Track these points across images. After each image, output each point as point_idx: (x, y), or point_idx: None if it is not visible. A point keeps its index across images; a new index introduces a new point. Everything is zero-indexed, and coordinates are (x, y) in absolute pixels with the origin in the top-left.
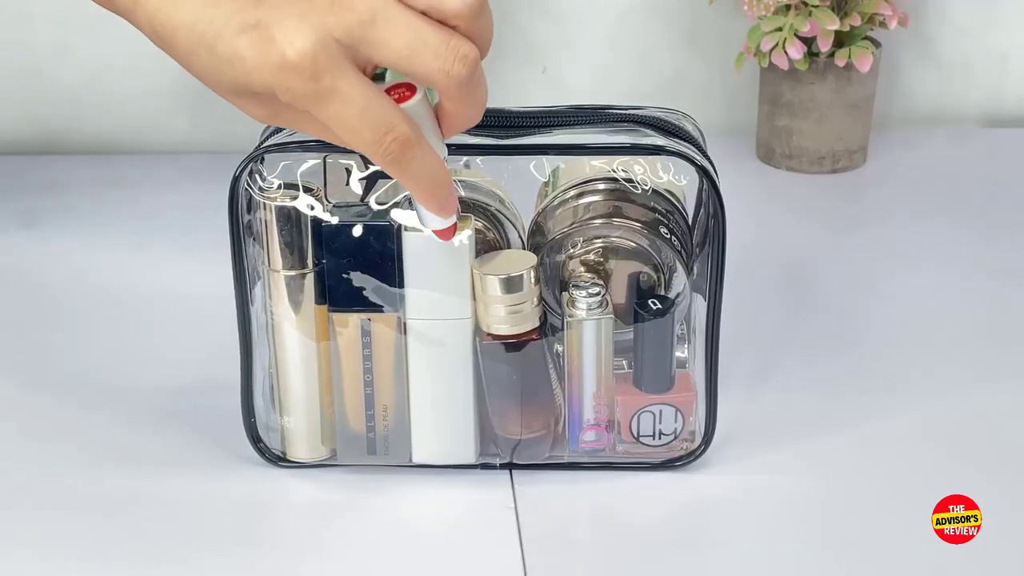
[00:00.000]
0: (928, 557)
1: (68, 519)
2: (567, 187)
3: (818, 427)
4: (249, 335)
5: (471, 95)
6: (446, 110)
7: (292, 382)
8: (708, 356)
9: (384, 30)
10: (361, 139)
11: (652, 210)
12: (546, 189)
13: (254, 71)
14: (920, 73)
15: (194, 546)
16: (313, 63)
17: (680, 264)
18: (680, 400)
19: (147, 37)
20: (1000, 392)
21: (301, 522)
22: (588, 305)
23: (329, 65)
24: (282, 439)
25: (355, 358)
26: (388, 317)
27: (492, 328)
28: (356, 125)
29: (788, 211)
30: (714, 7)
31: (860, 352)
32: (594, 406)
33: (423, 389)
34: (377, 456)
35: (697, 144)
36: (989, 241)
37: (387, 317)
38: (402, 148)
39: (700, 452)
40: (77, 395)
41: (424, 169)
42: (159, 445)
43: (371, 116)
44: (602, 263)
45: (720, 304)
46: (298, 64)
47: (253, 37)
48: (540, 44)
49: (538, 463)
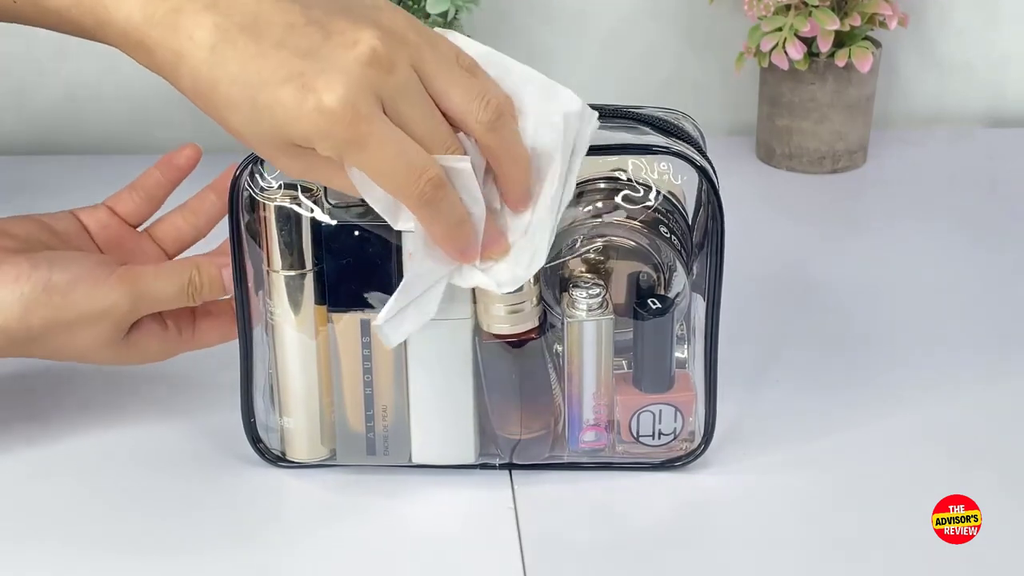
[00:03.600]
0: (928, 557)
1: (67, 519)
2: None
3: (818, 427)
4: (249, 335)
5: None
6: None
7: (292, 382)
8: (707, 356)
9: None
10: (396, 181)
11: (654, 210)
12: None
13: (294, 120)
14: (920, 73)
15: (193, 546)
16: (353, 110)
17: (680, 263)
18: (680, 400)
19: (183, 93)
20: (1000, 392)
21: (301, 522)
22: (588, 306)
23: (368, 113)
24: (282, 439)
25: (355, 358)
26: None
27: (492, 328)
28: (392, 168)
29: (788, 211)
30: (714, 7)
31: (860, 352)
32: (594, 406)
33: (423, 389)
34: (377, 456)
35: (697, 145)
36: (989, 241)
37: None
38: (435, 189)
39: (700, 452)
40: (75, 394)
41: (453, 213)
42: (158, 445)
43: (407, 159)
44: (602, 262)
45: (719, 303)
46: (338, 111)
47: (296, 86)
48: (540, 45)
49: (538, 463)
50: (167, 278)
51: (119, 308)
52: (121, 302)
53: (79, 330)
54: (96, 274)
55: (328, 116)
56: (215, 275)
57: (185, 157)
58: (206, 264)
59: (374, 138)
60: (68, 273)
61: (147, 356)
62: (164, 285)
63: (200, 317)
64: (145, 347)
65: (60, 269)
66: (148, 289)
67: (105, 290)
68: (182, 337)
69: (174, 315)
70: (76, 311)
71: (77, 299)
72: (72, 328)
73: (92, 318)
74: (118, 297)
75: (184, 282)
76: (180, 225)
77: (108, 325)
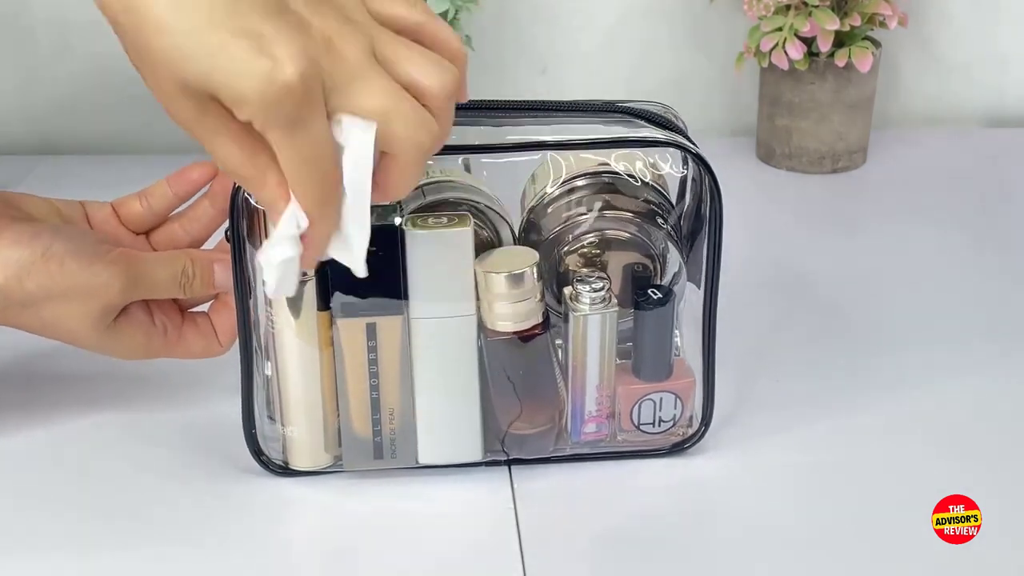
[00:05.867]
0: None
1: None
2: (557, 182)
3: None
4: (249, 344)
5: (420, 169)
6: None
7: (294, 391)
8: (705, 341)
9: (363, 90)
10: (303, 178)
11: (645, 201)
12: (534, 187)
13: (237, 76)
14: (920, 73)
15: (198, 557)
16: (305, 89)
17: (677, 251)
18: (679, 387)
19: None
20: (1001, 391)
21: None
22: (592, 299)
23: (314, 98)
24: (284, 448)
25: (360, 362)
26: (393, 319)
27: (496, 325)
28: (308, 169)
29: (788, 211)
30: (714, 7)
31: (859, 351)
32: (597, 398)
33: (428, 389)
34: (384, 460)
35: (687, 136)
36: (989, 241)
37: (392, 319)
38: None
39: (699, 436)
40: (75, 404)
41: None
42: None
43: (323, 163)
44: (598, 255)
45: (717, 290)
46: (292, 85)
47: (253, 45)
48: (540, 44)
49: (539, 457)
50: (162, 264)
51: (113, 287)
52: (115, 281)
53: (71, 303)
54: (95, 251)
55: (280, 87)
56: (207, 268)
57: (199, 173)
58: (200, 256)
59: (309, 127)
60: (68, 244)
61: (131, 349)
62: (158, 270)
63: (187, 323)
64: (130, 337)
65: (61, 240)
66: (143, 271)
67: (101, 267)
68: (167, 337)
69: (163, 312)
70: (71, 281)
71: (73, 270)
72: (66, 299)
73: (86, 292)
74: (113, 275)
75: (178, 271)
76: (177, 232)
77: (100, 304)
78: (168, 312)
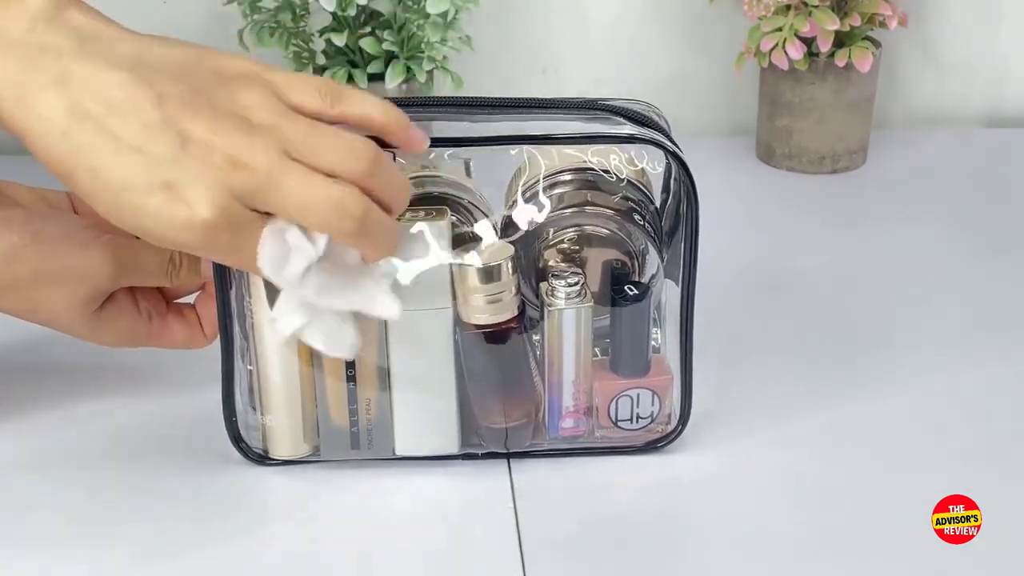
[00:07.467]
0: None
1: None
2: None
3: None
4: (230, 334)
5: (368, 242)
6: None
7: (273, 380)
8: (683, 339)
9: (276, 191)
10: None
11: (624, 198)
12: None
13: (167, 229)
14: (920, 73)
15: (180, 545)
16: (227, 217)
17: (654, 249)
18: (657, 384)
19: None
20: (1000, 391)
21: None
22: (567, 294)
23: (240, 220)
24: (263, 437)
25: None
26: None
27: (472, 318)
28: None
29: (788, 211)
30: (714, 7)
31: (859, 350)
32: (573, 393)
33: (404, 380)
34: (361, 450)
35: (667, 134)
36: (989, 241)
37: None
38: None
39: (677, 433)
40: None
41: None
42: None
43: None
44: (577, 251)
45: (694, 288)
46: (213, 221)
47: (166, 197)
48: (540, 44)
49: (516, 451)
50: (151, 250)
51: (103, 271)
52: (104, 266)
53: (59, 286)
54: (85, 235)
55: (202, 228)
56: (195, 257)
57: None
58: None
59: (252, 240)
60: (59, 227)
61: (116, 335)
62: (148, 256)
63: (172, 313)
64: (116, 324)
65: (53, 224)
66: (132, 257)
67: (91, 251)
68: (151, 325)
69: (148, 301)
70: (61, 263)
71: (63, 252)
72: (55, 281)
73: (76, 276)
74: (104, 259)
75: (165, 258)
76: None
77: (88, 288)
78: (153, 301)
